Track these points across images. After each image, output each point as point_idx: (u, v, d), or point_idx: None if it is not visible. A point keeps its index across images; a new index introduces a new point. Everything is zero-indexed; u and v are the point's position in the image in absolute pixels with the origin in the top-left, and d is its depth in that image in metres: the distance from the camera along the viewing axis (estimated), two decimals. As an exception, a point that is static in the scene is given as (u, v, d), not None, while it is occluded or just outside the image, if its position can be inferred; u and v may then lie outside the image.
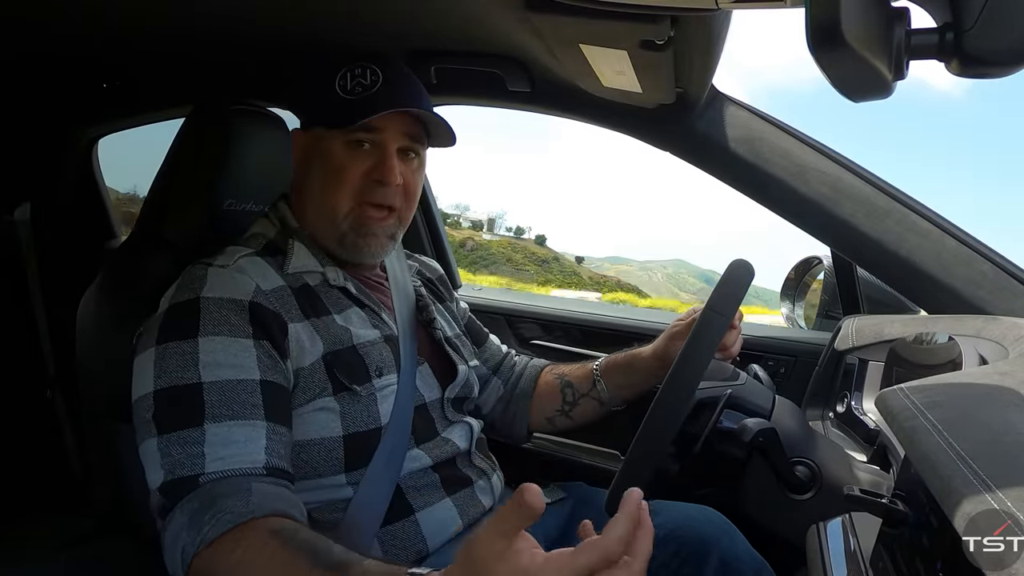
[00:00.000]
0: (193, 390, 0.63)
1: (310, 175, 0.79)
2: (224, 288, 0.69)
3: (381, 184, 0.77)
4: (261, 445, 0.63)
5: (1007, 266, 0.82)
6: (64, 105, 1.24)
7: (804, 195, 0.88)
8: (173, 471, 0.60)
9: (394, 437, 0.74)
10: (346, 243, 0.79)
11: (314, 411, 0.71)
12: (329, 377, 0.71)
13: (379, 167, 0.76)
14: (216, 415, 0.62)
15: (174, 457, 0.61)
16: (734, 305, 0.69)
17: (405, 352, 0.80)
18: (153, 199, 0.89)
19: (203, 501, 0.58)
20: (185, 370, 0.64)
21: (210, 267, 0.71)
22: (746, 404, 0.75)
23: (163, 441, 0.62)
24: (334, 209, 0.77)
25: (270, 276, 0.73)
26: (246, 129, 0.88)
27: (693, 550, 0.79)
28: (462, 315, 1.02)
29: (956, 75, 0.36)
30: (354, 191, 0.77)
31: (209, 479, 0.60)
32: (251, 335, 0.67)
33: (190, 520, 0.57)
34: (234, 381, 0.64)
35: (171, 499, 0.60)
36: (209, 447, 0.61)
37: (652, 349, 0.93)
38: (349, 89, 0.75)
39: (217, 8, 0.78)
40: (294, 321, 0.71)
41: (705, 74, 0.79)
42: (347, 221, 0.78)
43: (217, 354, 0.65)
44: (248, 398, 0.64)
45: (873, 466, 0.73)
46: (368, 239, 0.79)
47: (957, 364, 0.71)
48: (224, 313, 0.67)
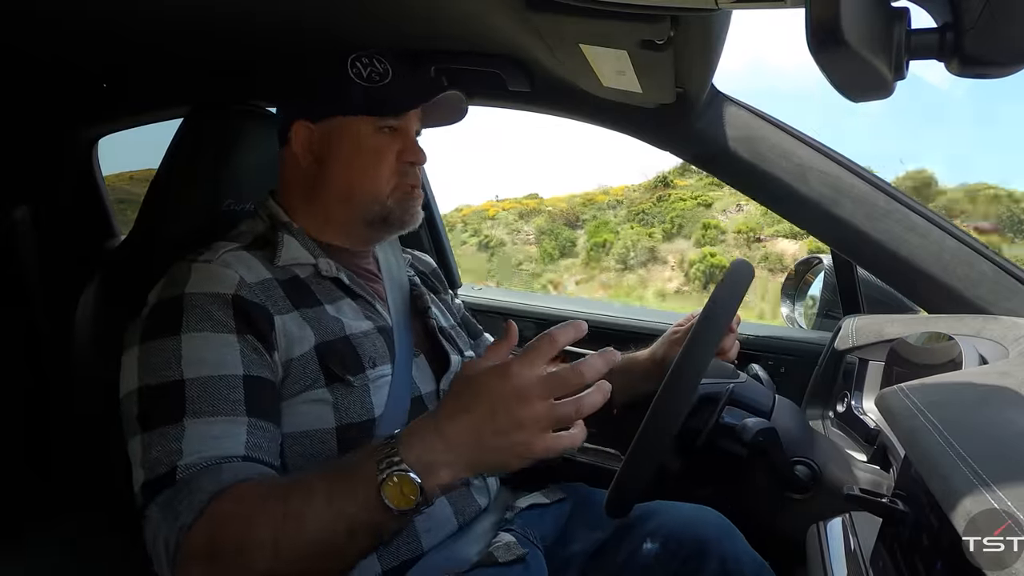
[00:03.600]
0: (175, 387, 0.63)
1: (328, 163, 0.80)
2: (207, 283, 0.69)
3: (413, 165, 0.82)
4: (241, 440, 0.63)
5: (1007, 266, 0.82)
6: (64, 105, 1.24)
7: (804, 195, 0.88)
8: (152, 469, 0.60)
9: (388, 429, 0.73)
10: (391, 219, 0.82)
11: (306, 402, 0.70)
12: (321, 368, 0.71)
13: (408, 150, 0.82)
14: (196, 411, 0.62)
15: (153, 454, 0.61)
16: (734, 306, 0.69)
17: (400, 343, 0.80)
18: (152, 199, 0.89)
19: (177, 492, 0.58)
20: (168, 367, 0.64)
21: (194, 263, 0.71)
22: (746, 402, 0.75)
23: (145, 438, 0.62)
24: (378, 190, 0.80)
25: (256, 269, 0.73)
26: (246, 129, 0.88)
27: (693, 550, 0.79)
28: (457, 309, 1.02)
29: (956, 75, 0.36)
30: (392, 171, 0.81)
31: (184, 473, 0.59)
32: (234, 329, 0.67)
33: (163, 513, 0.57)
34: (216, 377, 0.64)
35: (150, 498, 0.59)
36: (187, 443, 0.60)
37: (650, 353, 0.93)
38: (366, 77, 0.79)
39: (217, 8, 0.78)
40: (281, 313, 0.71)
41: (705, 74, 0.79)
42: (392, 198, 0.81)
43: (199, 351, 0.65)
44: (229, 394, 0.64)
45: (873, 466, 0.73)
46: (411, 212, 0.83)
47: (957, 364, 0.71)
48: (207, 308, 0.67)
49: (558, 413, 0.53)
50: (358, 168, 0.80)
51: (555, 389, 0.53)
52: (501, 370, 0.53)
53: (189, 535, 0.55)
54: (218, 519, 0.55)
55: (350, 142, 0.79)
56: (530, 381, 0.52)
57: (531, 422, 0.52)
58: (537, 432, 0.52)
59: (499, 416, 0.52)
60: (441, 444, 0.53)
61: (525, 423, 0.52)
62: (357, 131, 0.79)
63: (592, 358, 0.54)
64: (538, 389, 0.52)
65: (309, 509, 0.54)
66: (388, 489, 0.52)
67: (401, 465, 0.53)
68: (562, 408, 0.53)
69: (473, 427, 0.53)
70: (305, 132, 0.81)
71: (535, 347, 0.54)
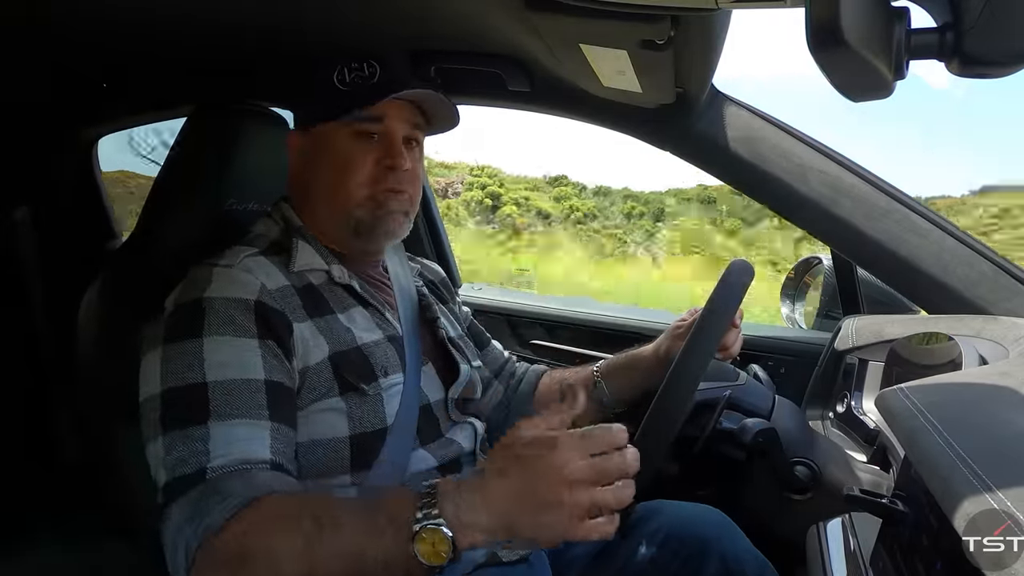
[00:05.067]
0: (198, 390, 0.63)
1: (316, 172, 0.79)
2: (229, 288, 0.69)
3: (392, 169, 0.77)
4: (266, 444, 0.63)
5: (1007, 266, 0.82)
6: (64, 105, 1.24)
7: (804, 195, 0.88)
8: (175, 469, 0.60)
9: (399, 438, 0.74)
10: (362, 229, 0.78)
11: (320, 411, 0.70)
12: (336, 377, 0.71)
13: (388, 154, 0.77)
14: (220, 413, 0.62)
15: (177, 455, 0.61)
16: (735, 304, 0.69)
17: (410, 352, 0.80)
18: (154, 199, 0.89)
19: (204, 493, 0.58)
20: (191, 370, 0.64)
21: (215, 267, 0.71)
22: (746, 404, 0.75)
23: (168, 439, 0.62)
24: (348, 198, 0.77)
25: (275, 275, 0.73)
26: (248, 129, 0.88)
27: (694, 550, 0.79)
28: (464, 318, 1.02)
29: (956, 75, 0.36)
30: (367, 178, 0.77)
31: (213, 474, 0.59)
32: (256, 335, 0.67)
33: (191, 513, 0.57)
34: (239, 380, 0.64)
35: (172, 497, 0.59)
36: (213, 444, 0.61)
37: (653, 349, 0.93)
38: (348, 82, 0.77)
39: (217, 11, 0.78)
40: (299, 321, 0.71)
41: (705, 74, 0.79)
42: (362, 208, 0.78)
43: (222, 354, 0.65)
44: (253, 397, 0.64)
45: (873, 466, 0.73)
46: (385, 218, 0.78)
47: (957, 364, 0.71)
48: (229, 313, 0.67)
49: (598, 500, 0.51)
50: (332, 175, 0.78)
51: (600, 477, 0.52)
52: (552, 443, 0.52)
53: (218, 536, 0.55)
54: (251, 525, 0.55)
55: (328, 148, 0.78)
56: (578, 466, 0.51)
57: (571, 505, 0.51)
58: (575, 516, 0.51)
59: (540, 491, 0.51)
60: (481, 504, 0.52)
61: (565, 504, 0.51)
62: (335, 137, 0.77)
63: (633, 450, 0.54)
64: (585, 474, 0.51)
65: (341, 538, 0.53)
66: (421, 544, 0.51)
67: (438, 519, 0.51)
68: (602, 496, 0.52)
69: (515, 494, 0.52)
70: (297, 138, 0.81)
71: (593, 435, 0.53)
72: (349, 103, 0.75)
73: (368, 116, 0.76)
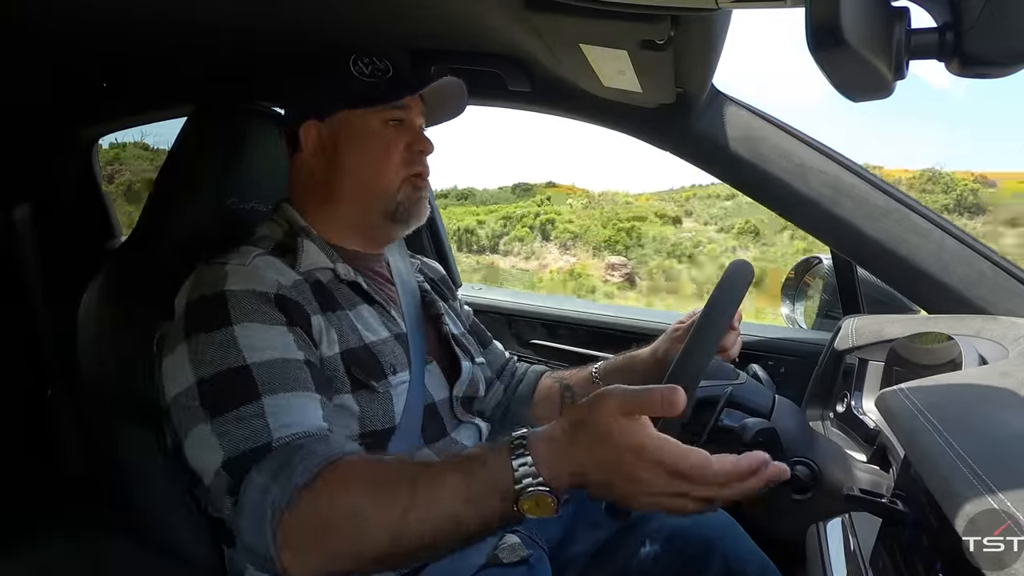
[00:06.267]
0: (241, 371, 0.63)
1: (343, 159, 0.80)
2: (248, 282, 0.69)
3: (422, 153, 0.82)
4: (319, 414, 0.63)
5: (1007, 266, 0.82)
6: (64, 105, 1.24)
7: (804, 195, 0.87)
8: (237, 447, 0.60)
9: (405, 437, 0.74)
10: (400, 212, 0.82)
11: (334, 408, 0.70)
12: (347, 374, 0.71)
13: (416, 140, 0.82)
14: (271, 389, 0.62)
15: (235, 435, 0.60)
16: (734, 305, 0.69)
17: (414, 349, 0.80)
18: (156, 197, 0.89)
19: (282, 459, 0.58)
20: (227, 355, 0.63)
21: (227, 265, 0.70)
22: (746, 404, 0.75)
23: (218, 423, 0.61)
24: (388, 182, 0.80)
25: (286, 273, 0.73)
26: (249, 128, 0.88)
27: (698, 549, 0.79)
28: (466, 316, 1.02)
29: (956, 75, 0.36)
30: (402, 162, 0.81)
31: (280, 443, 0.59)
32: (284, 322, 0.67)
33: (274, 475, 0.57)
34: (280, 360, 0.64)
35: (239, 473, 0.59)
36: (271, 417, 0.60)
37: (652, 351, 0.93)
38: (368, 73, 0.80)
39: (216, 11, 0.78)
40: (314, 313, 0.72)
41: (705, 74, 0.79)
42: (402, 191, 0.81)
43: (255, 339, 0.65)
44: (297, 374, 0.64)
45: (873, 466, 0.73)
46: (419, 203, 0.83)
47: (957, 364, 0.71)
48: (253, 303, 0.67)
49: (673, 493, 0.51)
50: (369, 160, 0.80)
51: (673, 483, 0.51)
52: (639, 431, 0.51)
53: (307, 492, 0.55)
54: (339, 483, 0.56)
55: (359, 135, 0.80)
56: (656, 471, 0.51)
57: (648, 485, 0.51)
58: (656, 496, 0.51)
59: (625, 466, 0.51)
60: (571, 463, 0.53)
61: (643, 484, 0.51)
62: (365, 124, 0.80)
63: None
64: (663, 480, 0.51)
65: (438, 502, 0.53)
66: (526, 503, 0.52)
67: (541, 486, 0.52)
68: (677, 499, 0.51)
69: (601, 461, 0.52)
70: (315, 131, 0.81)
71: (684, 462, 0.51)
72: (383, 91, 0.79)
73: (399, 104, 0.80)
